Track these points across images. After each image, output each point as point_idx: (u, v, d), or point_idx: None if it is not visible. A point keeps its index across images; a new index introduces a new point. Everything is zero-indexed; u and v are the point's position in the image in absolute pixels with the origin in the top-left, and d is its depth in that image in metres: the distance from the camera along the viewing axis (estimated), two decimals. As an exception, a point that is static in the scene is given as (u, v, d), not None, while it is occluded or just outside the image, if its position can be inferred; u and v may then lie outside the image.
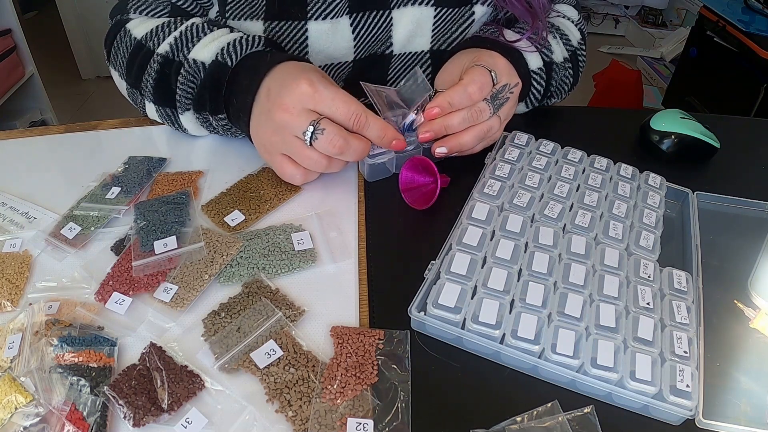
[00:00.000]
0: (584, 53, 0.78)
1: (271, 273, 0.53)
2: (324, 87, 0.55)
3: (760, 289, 0.53)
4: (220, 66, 0.61)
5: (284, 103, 0.55)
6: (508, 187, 0.61)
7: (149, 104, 0.67)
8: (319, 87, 0.55)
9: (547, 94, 0.74)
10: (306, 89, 0.55)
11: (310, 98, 0.55)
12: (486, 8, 0.73)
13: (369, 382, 0.45)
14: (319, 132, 0.55)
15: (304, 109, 0.55)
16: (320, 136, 0.55)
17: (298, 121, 0.55)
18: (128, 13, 0.69)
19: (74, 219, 0.58)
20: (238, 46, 0.61)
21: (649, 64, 2.81)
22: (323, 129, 0.55)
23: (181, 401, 0.43)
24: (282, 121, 0.56)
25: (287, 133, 0.56)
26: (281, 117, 0.56)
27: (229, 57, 0.61)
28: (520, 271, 0.52)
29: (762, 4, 2.05)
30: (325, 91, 0.55)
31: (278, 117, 0.56)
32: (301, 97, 0.55)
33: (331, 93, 0.55)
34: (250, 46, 0.61)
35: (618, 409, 0.45)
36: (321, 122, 0.55)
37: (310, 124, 0.55)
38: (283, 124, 0.56)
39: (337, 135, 0.55)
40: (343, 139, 0.55)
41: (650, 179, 0.65)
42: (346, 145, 0.55)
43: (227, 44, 0.61)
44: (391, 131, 0.58)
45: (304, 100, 0.55)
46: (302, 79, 0.55)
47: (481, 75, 0.60)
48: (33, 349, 0.45)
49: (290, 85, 0.56)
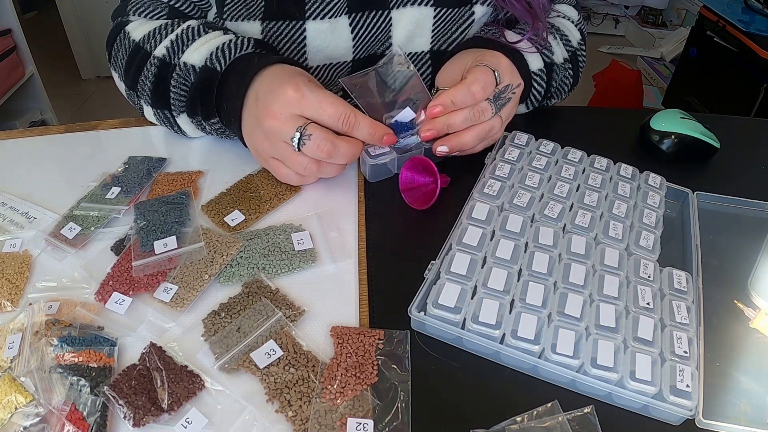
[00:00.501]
0: (584, 53, 0.78)
1: (271, 273, 0.53)
2: (310, 91, 0.55)
3: (760, 289, 0.53)
4: (209, 71, 0.61)
5: (271, 109, 0.56)
6: (508, 187, 0.61)
7: (147, 107, 0.67)
8: (306, 91, 0.55)
9: (547, 95, 0.74)
10: (292, 95, 0.55)
11: (296, 103, 0.55)
12: (486, 8, 0.73)
13: (369, 382, 0.45)
14: (306, 138, 0.55)
15: (292, 115, 0.55)
16: (308, 141, 0.55)
17: (285, 127, 0.55)
18: (128, 15, 0.69)
19: (74, 219, 0.58)
20: (226, 50, 0.61)
21: (649, 64, 2.81)
22: (310, 134, 0.55)
23: (181, 401, 0.43)
24: (270, 128, 0.56)
25: (276, 139, 0.57)
26: (269, 123, 0.56)
27: (218, 62, 0.61)
28: (520, 271, 0.52)
29: (762, 4, 2.05)
30: (312, 95, 0.55)
31: (266, 124, 0.56)
32: (288, 103, 0.55)
33: (318, 96, 0.55)
34: (238, 50, 0.61)
35: (618, 409, 0.45)
36: (308, 128, 0.55)
37: (297, 131, 0.55)
38: (272, 131, 0.56)
39: (324, 139, 0.55)
40: (331, 143, 0.55)
41: (650, 179, 0.65)
42: (333, 149, 0.55)
43: (216, 48, 0.61)
44: (381, 128, 0.58)
45: (291, 106, 0.55)
46: (288, 85, 0.55)
47: (485, 74, 0.60)
48: (33, 349, 0.45)
49: (276, 90, 0.56)
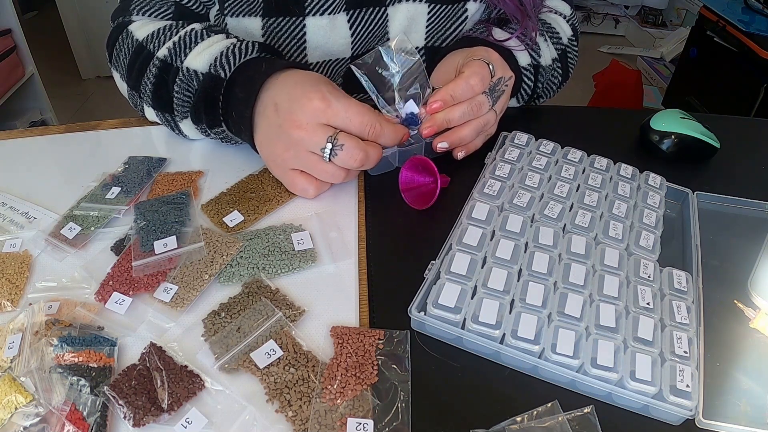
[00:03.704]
0: (576, 50, 0.79)
1: (271, 273, 0.53)
2: (336, 100, 0.54)
3: (760, 289, 0.53)
4: (213, 79, 0.59)
5: (297, 119, 0.55)
6: (508, 187, 0.61)
7: (148, 108, 0.67)
8: (332, 101, 0.54)
9: (534, 95, 0.75)
10: (318, 105, 0.54)
11: (323, 113, 0.54)
12: (479, 5, 0.74)
13: (369, 382, 0.45)
14: (338, 148, 0.54)
15: (319, 125, 0.54)
16: (339, 152, 0.54)
17: (315, 137, 0.54)
18: (131, 14, 0.69)
19: (74, 219, 0.58)
20: (231, 56, 0.59)
21: (649, 64, 2.81)
22: (342, 144, 0.54)
23: (181, 401, 0.43)
24: (297, 138, 0.55)
25: (301, 148, 0.56)
26: (296, 134, 0.55)
27: (222, 69, 0.59)
28: (520, 271, 0.52)
29: (762, 4, 2.05)
30: (338, 104, 0.54)
31: (293, 134, 0.55)
32: (315, 113, 0.54)
33: (344, 105, 0.54)
34: (243, 55, 0.60)
35: (618, 409, 0.45)
36: (338, 137, 0.54)
37: (328, 141, 0.54)
38: (298, 141, 0.55)
39: (356, 149, 0.54)
40: (364, 152, 0.55)
41: (650, 179, 0.65)
42: (366, 158, 0.55)
43: (220, 54, 0.60)
44: (401, 130, 0.59)
45: (318, 116, 0.54)
46: (313, 93, 0.54)
47: (481, 67, 0.61)
48: (33, 349, 0.45)
49: (301, 100, 0.55)
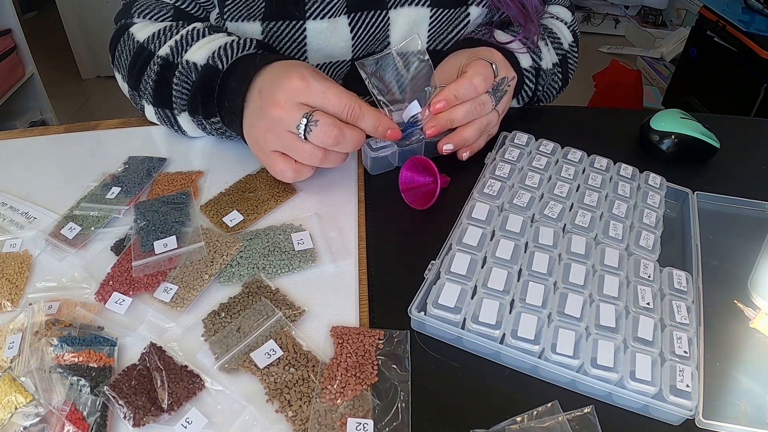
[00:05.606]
0: (576, 56, 0.80)
1: (271, 273, 0.53)
2: (315, 80, 0.55)
3: (760, 289, 0.53)
4: (211, 69, 0.61)
5: (276, 99, 0.55)
6: (508, 187, 0.61)
7: (148, 106, 0.67)
8: (311, 80, 0.54)
9: (534, 98, 0.76)
10: (297, 83, 0.54)
11: (301, 92, 0.54)
12: (481, 9, 0.74)
13: (369, 382, 0.45)
14: (313, 124, 0.54)
15: (297, 103, 0.55)
16: (314, 128, 0.54)
17: (291, 115, 0.54)
18: (132, 17, 0.69)
19: (74, 219, 0.58)
20: (229, 49, 0.61)
21: (649, 64, 2.81)
22: (317, 120, 0.54)
23: (181, 401, 0.43)
24: (275, 117, 0.55)
25: (280, 128, 0.56)
26: (273, 113, 0.55)
27: (220, 60, 0.61)
28: (520, 271, 0.52)
29: (762, 4, 2.05)
30: (317, 84, 0.54)
31: (270, 113, 0.55)
32: (293, 92, 0.55)
33: (323, 86, 0.55)
34: (241, 49, 0.61)
35: (618, 409, 0.45)
36: (314, 114, 0.54)
37: (303, 117, 0.54)
38: (276, 120, 0.55)
39: (331, 125, 0.54)
40: (338, 128, 0.54)
41: (650, 179, 0.65)
42: (341, 135, 0.54)
43: (219, 47, 0.61)
44: (385, 121, 0.58)
45: (296, 94, 0.55)
46: (293, 74, 0.55)
47: (484, 67, 0.61)
48: (33, 349, 0.45)
49: (281, 81, 0.55)
